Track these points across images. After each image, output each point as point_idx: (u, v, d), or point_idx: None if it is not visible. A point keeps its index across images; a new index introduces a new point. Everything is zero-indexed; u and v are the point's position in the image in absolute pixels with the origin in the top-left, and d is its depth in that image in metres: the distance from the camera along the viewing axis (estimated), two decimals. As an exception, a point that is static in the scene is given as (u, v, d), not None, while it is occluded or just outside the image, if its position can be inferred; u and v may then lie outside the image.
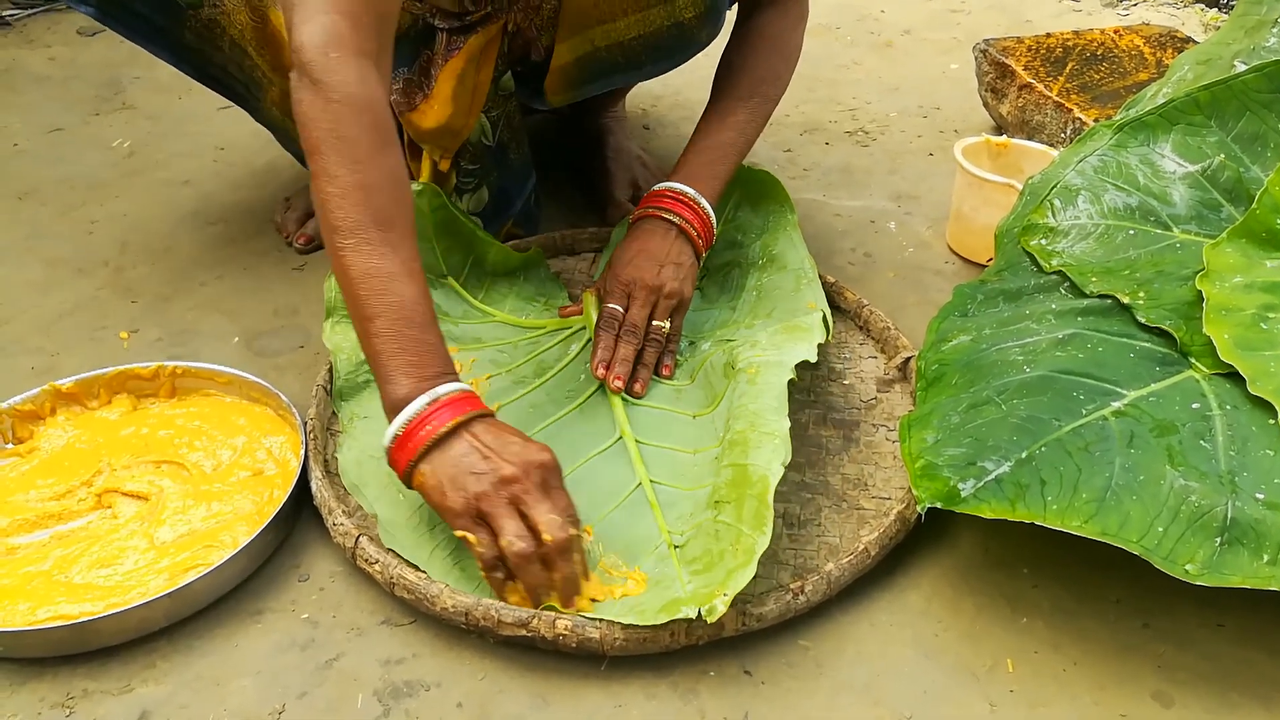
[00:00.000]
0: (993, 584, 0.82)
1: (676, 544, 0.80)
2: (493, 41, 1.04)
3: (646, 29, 1.05)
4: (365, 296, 0.76)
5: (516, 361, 1.00)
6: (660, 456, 0.89)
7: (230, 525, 0.84)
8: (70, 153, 1.48)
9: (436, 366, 0.77)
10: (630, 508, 0.84)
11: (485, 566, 0.75)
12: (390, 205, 0.78)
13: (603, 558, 0.80)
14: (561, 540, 0.74)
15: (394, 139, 0.80)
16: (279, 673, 0.76)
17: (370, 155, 0.77)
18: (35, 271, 1.21)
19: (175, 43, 1.08)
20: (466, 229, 1.08)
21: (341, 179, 0.76)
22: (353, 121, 0.77)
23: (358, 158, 0.77)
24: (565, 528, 0.74)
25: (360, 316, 0.77)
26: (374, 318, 0.76)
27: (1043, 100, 1.39)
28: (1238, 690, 0.74)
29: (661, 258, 0.99)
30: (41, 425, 0.95)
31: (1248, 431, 0.76)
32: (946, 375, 0.86)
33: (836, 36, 1.89)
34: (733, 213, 1.15)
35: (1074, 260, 0.92)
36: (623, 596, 0.76)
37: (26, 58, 1.79)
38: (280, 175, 1.40)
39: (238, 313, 1.14)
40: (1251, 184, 0.92)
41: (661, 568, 0.79)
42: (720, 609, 0.71)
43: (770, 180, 1.13)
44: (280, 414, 0.95)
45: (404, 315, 0.76)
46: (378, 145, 0.78)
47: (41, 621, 0.75)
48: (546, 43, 1.08)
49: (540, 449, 0.77)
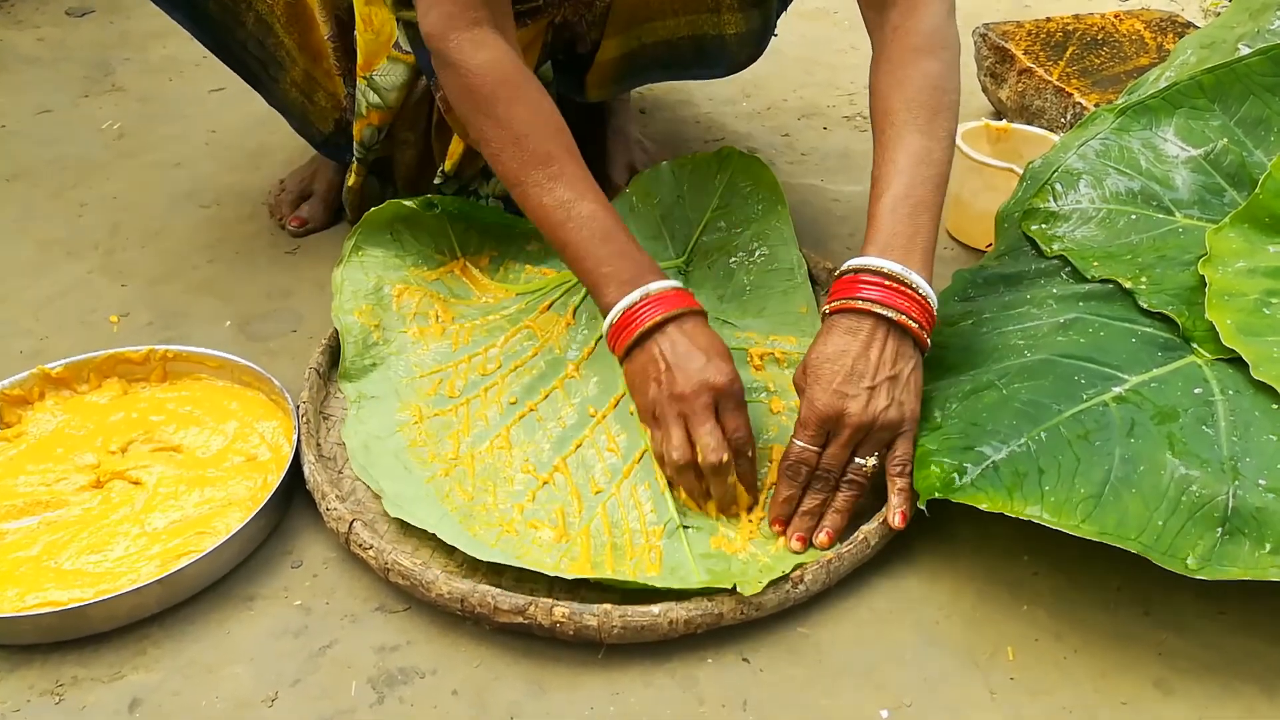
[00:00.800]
0: (993, 571, 0.81)
1: (685, 525, 0.80)
2: (539, 34, 1.04)
3: (694, 31, 1.05)
4: (552, 229, 0.85)
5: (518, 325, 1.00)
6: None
7: (223, 511, 0.83)
8: (60, 134, 1.46)
9: (634, 268, 0.84)
10: (638, 477, 0.84)
11: (656, 459, 0.83)
12: (543, 143, 0.85)
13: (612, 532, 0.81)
14: (713, 462, 0.78)
15: (524, 82, 0.87)
16: (272, 660, 0.75)
17: (509, 109, 0.85)
18: (25, 254, 1.20)
19: (197, 10, 1.06)
20: (481, 212, 1.09)
21: (494, 138, 0.85)
22: (485, 88, 0.85)
23: (499, 116, 0.85)
24: (719, 451, 0.78)
25: (556, 247, 0.86)
26: (565, 245, 0.84)
27: (1043, 85, 1.38)
28: (1239, 678, 0.73)
29: (873, 373, 0.78)
30: (30, 410, 0.93)
31: (1250, 417, 0.75)
32: (946, 359, 0.86)
33: (834, 21, 1.88)
34: (721, 199, 1.14)
35: (1075, 245, 0.92)
36: (636, 574, 0.77)
37: (15, 38, 1.77)
38: (273, 158, 1.39)
39: (230, 296, 1.13)
40: (1255, 168, 0.91)
41: (673, 548, 0.79)
42: (754, 587, 0.73)
43: (760, 166, 1.12)
44: (273, 398, 0.94)
45: (587, 233, 0.83)
46: (513, 98, 0.86)
47: (31, 607, 0.74)
48: (595, 37, 1.08)
49: (719, 369, 0.80)
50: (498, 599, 0.73)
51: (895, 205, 0.81)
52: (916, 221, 0.81)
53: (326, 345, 0.98)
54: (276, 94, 1.14)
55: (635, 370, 0.83)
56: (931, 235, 0.81)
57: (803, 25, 1.83)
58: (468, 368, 0.95)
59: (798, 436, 0.79)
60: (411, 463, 0.86)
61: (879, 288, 0.78)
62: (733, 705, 0.72)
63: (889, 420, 0.77)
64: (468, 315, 1.02)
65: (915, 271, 0.79)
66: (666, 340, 0.81)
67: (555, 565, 0.77)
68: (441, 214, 1.06)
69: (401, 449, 0.88)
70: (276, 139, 1.40)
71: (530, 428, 0.89)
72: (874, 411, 0.77)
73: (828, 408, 0.77)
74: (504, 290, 1.05)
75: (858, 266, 0.80)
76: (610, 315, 0.83)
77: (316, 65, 1.13)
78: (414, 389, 0.94)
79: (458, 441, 0.89)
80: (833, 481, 0.79)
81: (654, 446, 0.83)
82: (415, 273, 1.04)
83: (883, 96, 0.86)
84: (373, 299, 1.00)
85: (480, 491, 0.84)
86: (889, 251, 0.80)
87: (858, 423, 0.77)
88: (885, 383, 0.78)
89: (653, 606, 0.73)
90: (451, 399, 0.93)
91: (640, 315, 0.81)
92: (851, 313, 0.79)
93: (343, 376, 0.95)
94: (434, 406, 0.92)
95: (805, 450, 0.79)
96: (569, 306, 0.98)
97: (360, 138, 1.11)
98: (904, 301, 0.78)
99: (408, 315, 1.00)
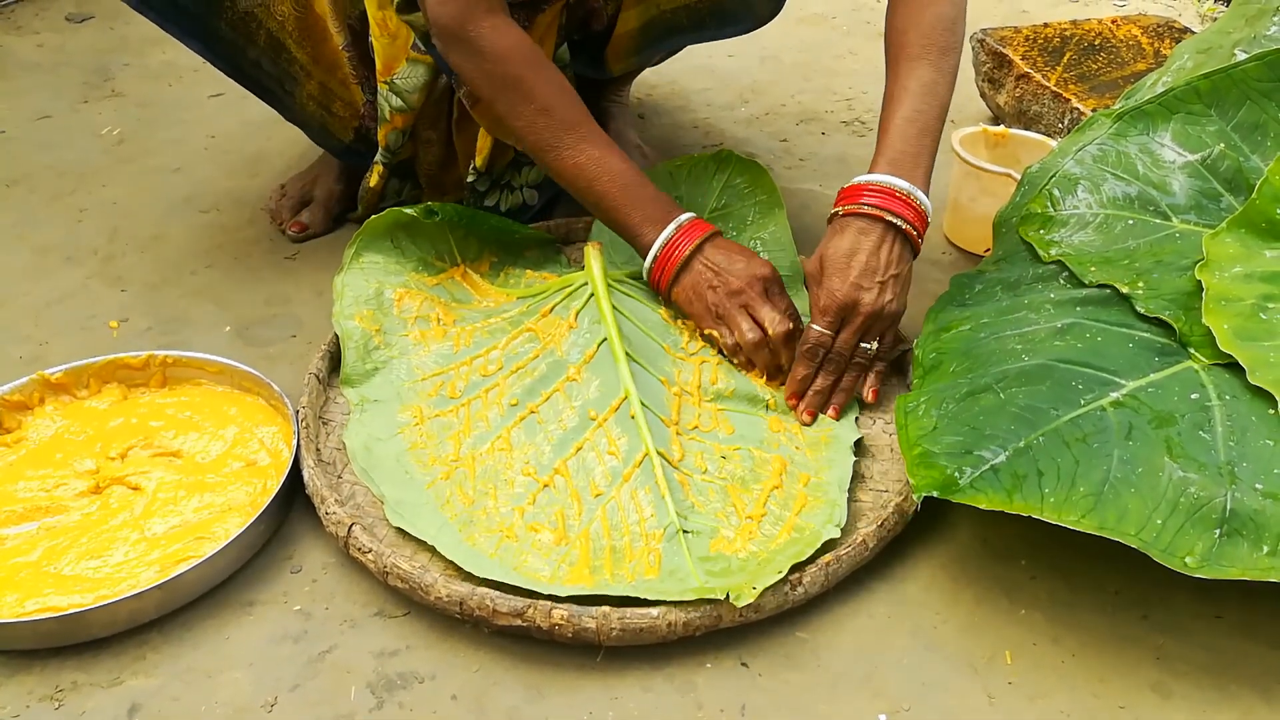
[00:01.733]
0: (991, 575, 0.81)
1: (686, 529, 0.80)
2: (554, 17, 1.05)
3: None
4: (585, 187, 0.95)
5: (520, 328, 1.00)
6: (664, 427, 0.89)
7: (222, 516, 0.83)
8: (59, 140, 1.46)
9: (663, 209, 0.96)
10: (638, 481, 0.84)
11: (729, 353, 0.95)
12: (567, 110, 0.94)
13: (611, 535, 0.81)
14: (782, 331, 0.92)
15: (543, 59, 0.95)
16: (271, 665, 0.75)
17: (534, 84, 0.93)
18: (24, 259, 1.20)
19: (209, 32, 1.06)
20: (481, 220, 1.09)
21: (523, 113, 0.94)
22: (514, 70, 0.93)
23: (524, 92, 0.93)
24: (784, 322, 0.92)
25: (591, 205, 0.97)
26: (598, 200, 0.95)
27: (1040, 90, 1.38)
28: (1236, 681, 0.74)
29: (883, 270, 0.90)
30: (30, 415, 0.94)
31: (1247, 422, 0.75)
32: (944, 363, 0.86)
33: (833, 26, 1.88)
34: (719, 200, 1.14)
35: (1073, 250, 0.92)
36: (635, 579, 0.77)
37: (14, 44, 1.77)
38: (272, 163, 1.39)
39: (229, 301, 1.13)
40: (1251, 173, 0.91)
41: (672, 551, 0.79)
42: (747, 598, 0.73)
43: (758, 169, 1.13)
44: (272, 404, 0.94)
45: (618, 185, 0.94)
46: (534, 76, 0.94)
47: (30, 613, 0.75)
48: (611, 11, 1.08)
49: (762, 264, 0.94)
50: (496, 601, 0.73)
51: (904, 126, 0.93)
52: (921, 143, 0.93)
53: (326, 351, 0.98)
54: (294, 109, 1.15)
55: (686, 288, 0.95)
56: (932, 155, 0.94)
57: (801, 31, 1.84)
58: (469, 369, 0.96)
59: (816, 322, 0.91)
60: (412, 466, 0.87)
61: (888, 197, 0.90)
62: (731, 710, 0.72)
63: (893, 311, 0.91)
64: (469, 318, 1.02)
65: (918, 187, 0.91)
66: (708, 256, 0.94)
67: (553, 574, 0.77)
68: (442, 221, 1.06)
69: (402, 452, 0.88)
70: (275, 144, 1.41)
71: (531, 430, 0.90)
72: (883, 303, 0.90)
73: (847, 298, 0.89)
74: (505, 295, 1.06)
75: (871, 184, 0.91)
76: (653, 249, 0.95)
77: (331, 76, 1.13)
78: (415, 391, 0.94)
79: (458, 443, 0.89)
80: (843, 364, 0.91)
81: (723, 342, 0.94)
82: (416, 278, 1.04)
83: (899, 31, 0.97)
84: (374, 304, 1.00)
85: (481, 495, 0.84)
86: (896, 167, 0.92)
87: (870, 310, 0.89)
88: (891, 279, 0.90)
89: (651, 609, 0.73)
90: (453, 400, 0.93)
91: (679, 244, 0.94)
92: (864, 216, 0.91)
93: (344, 382, 0.95)
94: (435, 408, 0.92)
95: (823, 335, 0.90)
96: (571, 310, 0.98)
97: (385, 143, 1.12)
98: (908, 211, 0.90)
99: (409, 319, 1.00)
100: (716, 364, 0.96)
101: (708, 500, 0.83)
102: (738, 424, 0.91)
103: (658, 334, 0.98)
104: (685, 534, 0.80)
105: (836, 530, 0.80)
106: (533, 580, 0.76)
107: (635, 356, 0.94)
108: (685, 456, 0.87)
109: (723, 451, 0.88)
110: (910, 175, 0.91)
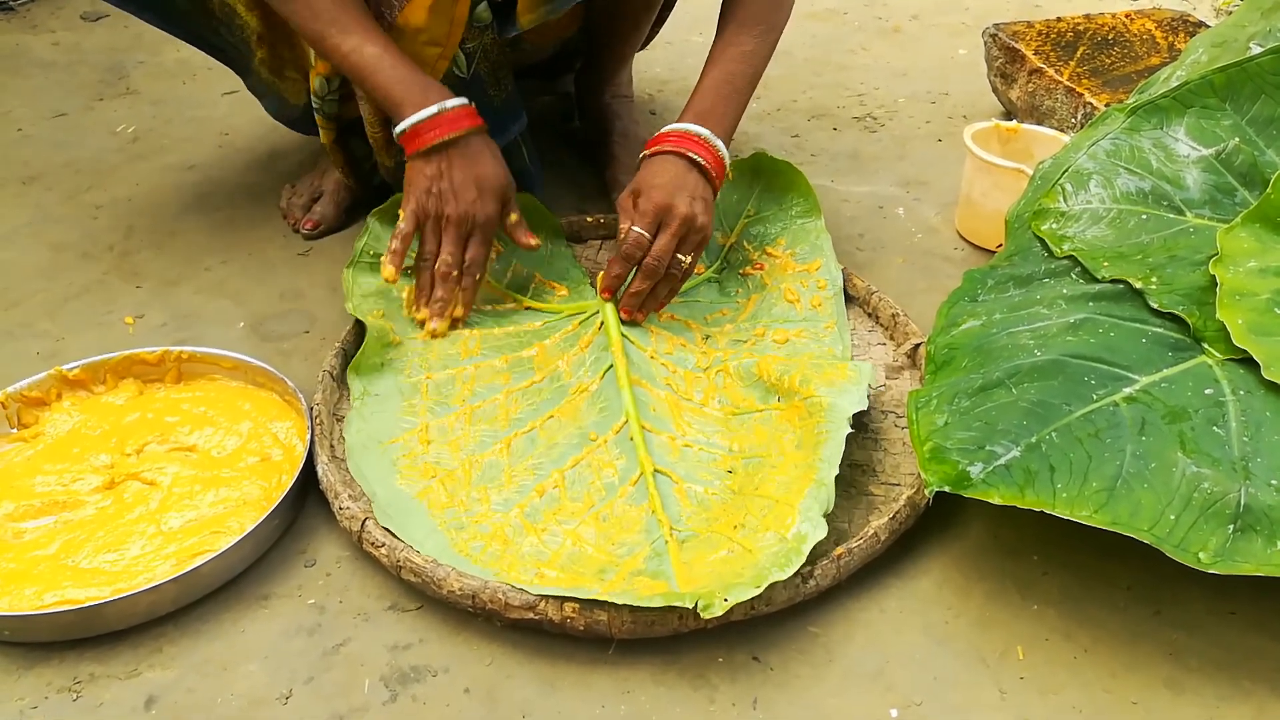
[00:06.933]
0: (1003, 571, 0.81)
1: (679, 537, 0.80)
2: None
3: None
4: (355, 67, 0.96)
5: (528, 346, 1.00)
6: (667, 446, 0.89)
7: (238, 511, 0.83)
8: (74, 138, 1.47)
9: (434, 89, 0.97)
10: (633, 497, 0.84)
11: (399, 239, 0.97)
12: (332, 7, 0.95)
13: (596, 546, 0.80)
14: (444, 272, 0.98)
15: None
16: (286, 658, 0.75)
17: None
18: (40, 256, 1.21)
19: (168, 8, 1.10)
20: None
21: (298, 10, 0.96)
22: None
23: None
24: (455, 268, 0.98)
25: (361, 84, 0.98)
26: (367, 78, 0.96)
27: (1053, 85, 1.38)
28: (1250, 677, 0.73)
29: (691, 190, 0.98)
30: (47, 410, 0.94)
31: (1261, 417, 0.75)
32: (956, 359, 0.86)
33: (844, 21, 1.88)
34: (755, 205, 1.14)
35: (1085, 245, 0.91)
36: (619, 589, 0.75)
37: (30, 43, 1.78)
38: (286, 160, 1.40)
39: (243, 297, 1.13)
40: (1266, 168, 0.91)
41: (658, 563, 0.78)
42: (718, 610, 0.69)
43: (794, 172, 1.13)
44: (286, 399, 0.94)
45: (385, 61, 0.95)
46: None
47: (48, 606, 0.75)
48: None
49: (486, 205, 0.98)
50: (509, 595, 0.74)
51: (719, 84, 1.03)
52: (730, 101, 1.03)
53: (339, 348, 0.98)
54: (251, 75, 1.18)
55: (417, 172, 0.97)
56: (737, 115, 1.04)
57: (812, 26, 1.84)
58: (473, 376, 0.96)
59: (636, 224, 0.97)
60: (406, 469, 0.87)
61: (688, 140, 1.00)
62: (743, 704, 0.72)
63: (703, 224, 0.98)
64: (476, 322, 1.02)
65: (718, 138, 1.01)
66: (450, 160, 0.96)
67: (539, 577, 0.77)
68: None
69: (398, 454, 0.88)
70: (289, 142, 1.41)
71: (530, 444, 0.89)
72: (695, 212, 0.97)
73: (663, 202, 0.97)
74: (513, 300, 1.06)
75: (674, 130, 1.01)
76: (401, 125, 0.96)
77: (283, 41, 1.14)
78: (419, 392, 0.94)
79: (456, 449, 0.89)
80: (659, 271, 0.97)
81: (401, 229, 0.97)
82: None
83: (730, 3, 1.06)
84: (382, 302, 1.01)
85: (474, 502, 0.84)
86: (701, 118, 1.01)
87: (685, 215, 0.96)
88: (700, 198, 0.98)
89: (663, 603, 0.73)
90: (455, 407, 0.93)
91: (431, 130, 0.95)
92: (671, 154, 1.00)
93: (353, 369, 0.95)
94: (436, 414, 0.92)
95: (642, 236, 0.97)
96: (579, 341, 0.99)
97: (313, 87, 1.11)
98: (706, 154, 1.00)
99: (418, 319, 1.01)
100: (727, 380, 0.94)
101: (701, 512, 0.82)
102: (743, 435, 0.89)
103: (668, 360, 0.97)
104: (674, 543, 0.79)
105: (823, 522, 0.76)
106: (518, 581, 0.75)
107: (641, 382, 0.94)
108: (687, 471, 0.86)
109: (729, 465, 0.87)
110: (713, 127, 1.00)
